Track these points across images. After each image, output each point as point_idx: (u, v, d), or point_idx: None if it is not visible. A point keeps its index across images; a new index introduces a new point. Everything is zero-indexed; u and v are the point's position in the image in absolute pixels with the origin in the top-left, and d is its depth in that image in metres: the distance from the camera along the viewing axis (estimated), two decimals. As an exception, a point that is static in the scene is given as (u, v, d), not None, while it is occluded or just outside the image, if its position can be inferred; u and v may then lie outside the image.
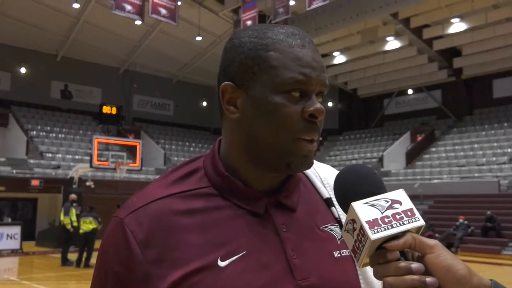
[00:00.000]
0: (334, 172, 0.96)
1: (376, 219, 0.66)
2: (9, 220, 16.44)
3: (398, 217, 0.67)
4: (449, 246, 16.14)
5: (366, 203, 0.68)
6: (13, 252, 14.83)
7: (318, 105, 0.77)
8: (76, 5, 20.56)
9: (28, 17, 22.03)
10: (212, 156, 0.86)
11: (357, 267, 0.83)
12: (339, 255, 0.83)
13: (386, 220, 0.66)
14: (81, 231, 11.81)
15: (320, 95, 0.80)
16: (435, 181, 21.22)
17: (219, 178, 0.82)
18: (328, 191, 0.90)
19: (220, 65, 0.84)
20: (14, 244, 15.10)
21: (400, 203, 0.68)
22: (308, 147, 0.78)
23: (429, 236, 13.10)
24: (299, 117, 0.77)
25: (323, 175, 0.93)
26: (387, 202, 0.68)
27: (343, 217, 0.87)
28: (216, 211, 0.80)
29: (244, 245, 0.78)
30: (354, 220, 0.67)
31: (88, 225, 11.82)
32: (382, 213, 0.67)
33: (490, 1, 19.75)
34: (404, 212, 0.67)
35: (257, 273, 0.76)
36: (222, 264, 0.76)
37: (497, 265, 13.44)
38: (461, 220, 16.49)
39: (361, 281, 0.84)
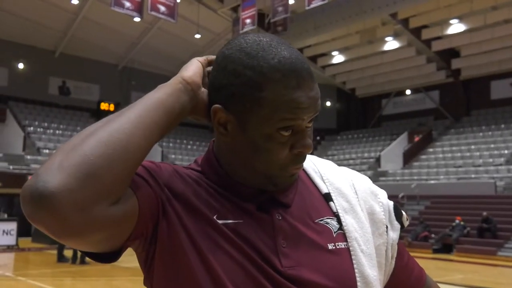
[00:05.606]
0: (335, 168, 0.97)
1: None
2: (5, 216, 16.39)
3: None
4: (445, 247, 16.20)
5: None
6: (9, 248, 14.79)
7: (307, 142, 0.81)
8: (75, 1, 20.54)
9: (26, 13, 21.97)
10: (208, 157, 0.89)
11: (354, 261, 0.84)
12: (334, 247, 0.84)
13: None
14: None
15: (311, 120, 0.83)
16: (432, 181, 21.25)
17: (216, 177, 0.86)
18: (327, 186, 0.92)
19: (212, 78, 0.83)
20: (10, 240, 15.07)
21: None
22: (295, 171, 0.84)
23: (425, 237, 13.19)
24: (287, 153, 0.81)
25: (322, 171, 0.95)
26: None
27: (341, 211, 0.89)
28: (214, 194, 0.84)
29: (239, 219, 0.82)
30: None
31: None
32: None
33: (489, 3, 19.77)
34: None
35: (248, 245, 0.79)
36: (218, 221, 0.81)
37: (492, 266, 13.48)
38: (457, 221, 16.52)
39: (357, 274, 0.84)
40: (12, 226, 15.23)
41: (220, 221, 0.80)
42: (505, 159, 20.96)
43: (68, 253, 12.25)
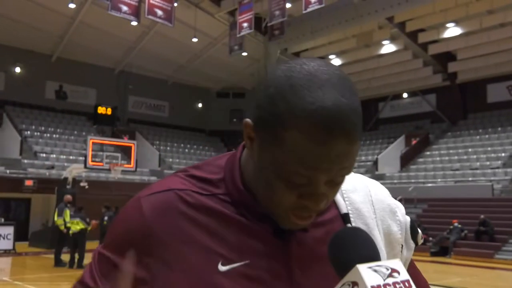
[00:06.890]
0: (355, 181, 0.91)
1: (379, 285, 0.63)
2: (2, 220, 16.33)
3: (398, 286, 0.64)
4: (442, 250, 16.21)
5: (370, 267, 0.65)
6: (6, 253, 14.74)
7: (314, 207, 0.74)
8: (72, 5, 20.52)
9: (23, 17, 21.96)
10: (232, 163, 0.84)
11: None
12: None
13: None
14: (70, 231, 11.81)
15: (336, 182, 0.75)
16: (429, 184, 21.29)
17: (235, 190, 0.81)
18: (346, 206, 0.87)
19: (257, 89, 0.80)
20: (7, 244, 15.02)
21: (398, 272, 0.66)
22: (300, 223, 0.77)
23: (423, 240, 13.17)
24: (295, 199, 0.74)
25: (344, 186, 0.87)
26: (387, 270, 0.65)
27: None
28: (227, 218, 0.79)
29: (248, 255, 0.77)
30: (356, 282, 0.64)
31: (75, 225, 11.80)
32: (384, 280, 0.64)
33: (485, 7, 19.87)
34: (403, 282, 0.65)
35: (257, 284, 0.75)
36: (223, 268, 0.76)
37: (490, 269, 13.50)
38: (455, 224, 16.54)
39: None
40: (9, 230, 15.18)
41: (225, 268, 0.76)
42: (502, 162, 21.01)
43: (65, 257, 12.21)
